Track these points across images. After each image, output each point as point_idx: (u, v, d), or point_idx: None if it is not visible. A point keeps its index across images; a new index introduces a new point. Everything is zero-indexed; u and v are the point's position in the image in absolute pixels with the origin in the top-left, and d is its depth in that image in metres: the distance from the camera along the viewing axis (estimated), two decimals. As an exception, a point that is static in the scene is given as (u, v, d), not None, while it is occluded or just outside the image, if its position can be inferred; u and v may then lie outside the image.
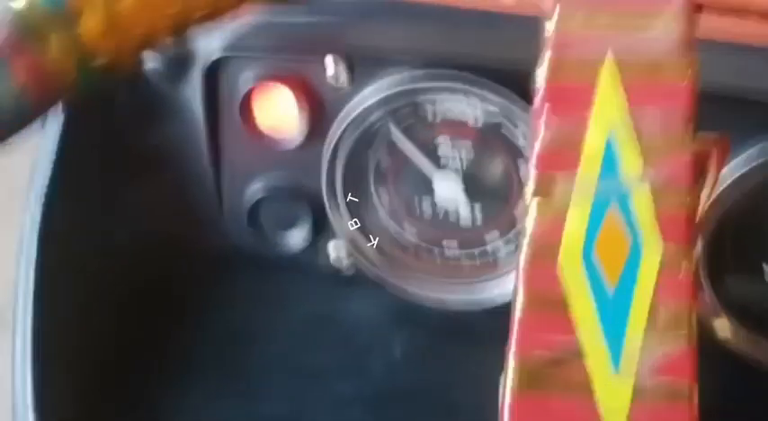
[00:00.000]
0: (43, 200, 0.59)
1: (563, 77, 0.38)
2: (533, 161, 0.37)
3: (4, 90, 0.39)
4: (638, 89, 0.37)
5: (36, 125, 0.43)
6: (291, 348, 0.63)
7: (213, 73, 0.60)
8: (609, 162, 0.37)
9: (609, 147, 0.37)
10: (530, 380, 0.36)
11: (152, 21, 0.42)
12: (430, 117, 0.60)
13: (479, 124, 0.60)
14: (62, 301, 0.59)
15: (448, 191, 0.61)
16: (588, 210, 0.37)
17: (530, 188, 0.37)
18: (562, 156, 0.37)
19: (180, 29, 0.42)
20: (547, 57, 0.38)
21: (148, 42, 0.42)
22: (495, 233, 0.62)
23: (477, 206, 0.62)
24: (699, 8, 0.39)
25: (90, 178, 0.62)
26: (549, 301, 0.36)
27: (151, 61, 0.60)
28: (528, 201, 0.37)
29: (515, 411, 0.36)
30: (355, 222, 0.62)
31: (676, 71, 0.37)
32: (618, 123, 0.37)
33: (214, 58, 0.60)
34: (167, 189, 0.64)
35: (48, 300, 0.58)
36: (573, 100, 0.38)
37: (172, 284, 0.65)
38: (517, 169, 0.60)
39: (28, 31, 0.39)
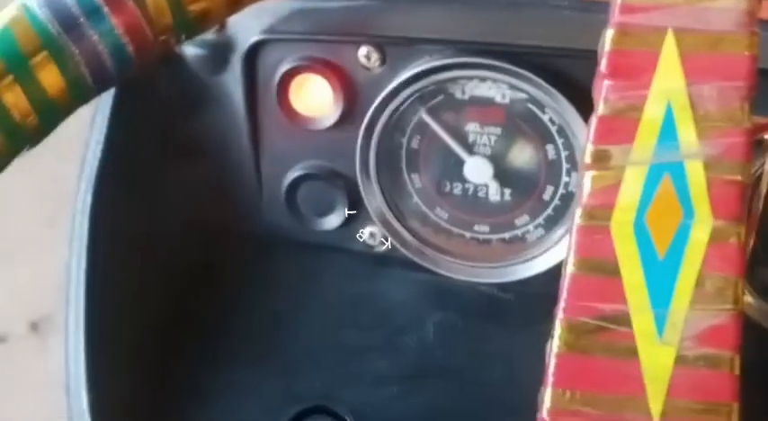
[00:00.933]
0: (93, 187, 0.60)
1: (627, 43, 0.38)
2: (591, 134, 0.38)
3: (106, 37, 0.39)
4: (699, 60, 0.38)
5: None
6: (328, 327, 0.64)
7: (251, 57, 0.61)
8: (666, 132, 0.37)
9: (667, 118, 0.37)
10: (576, 343, 0.37)
11: None
12: (460, 102, 0.61)
13: (509, 109, 0.60)
14: (111, 284, 0.60)
15: (478, 175, 0.62)
16: (643, 179, 0.37)
17: (586, 160, 0.38)
18: (619, 128, 0.38)
19: None
20: (613, 21, 0.38)
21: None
22: (526, 217, 0.63)
23: (508, 190, 0.62)
24: None
25: (137, 166, 0.64)
26: (599, 267, 0.37)
27: (192, 48, 0.62)
28: (583, 173, 0.38)
29: (560, 373, 0.37)
30: (388, 205, 0.64)
31: (739, 44, 0.38)
32: (677, 94, 0.37)
33: (253, 40, 0.61)
34: (210, 174, 0.66)
35: (98, 283, 0.59)
36: (635, 67, 0.38)
37: (213, 266, 0.66)
38: (546, 154, 0.61)
39: None
